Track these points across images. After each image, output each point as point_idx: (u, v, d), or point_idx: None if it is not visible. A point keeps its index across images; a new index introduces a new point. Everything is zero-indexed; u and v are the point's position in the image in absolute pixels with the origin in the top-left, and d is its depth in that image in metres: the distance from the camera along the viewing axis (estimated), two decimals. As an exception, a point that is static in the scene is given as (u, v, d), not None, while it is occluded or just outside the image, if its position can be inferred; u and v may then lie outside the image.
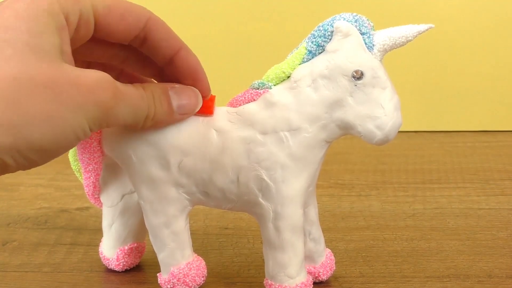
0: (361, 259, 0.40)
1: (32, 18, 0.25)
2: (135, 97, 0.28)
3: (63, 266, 0.39)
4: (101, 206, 0.37)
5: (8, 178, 0.56)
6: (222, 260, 0.40)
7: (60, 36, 0.26)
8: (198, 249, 0.41)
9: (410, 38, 0.28)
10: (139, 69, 0.32)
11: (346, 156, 0.59)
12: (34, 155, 0.24)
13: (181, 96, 0.30)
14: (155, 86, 0.30)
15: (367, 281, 0.37)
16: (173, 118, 0.30)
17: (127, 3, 0.29)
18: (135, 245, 0.37)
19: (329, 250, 0.37)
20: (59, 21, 0.26)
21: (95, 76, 0.26)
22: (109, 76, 0.27)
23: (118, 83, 0.27)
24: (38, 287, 0.36)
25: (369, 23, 0.29)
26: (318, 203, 0.35)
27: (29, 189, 0.53)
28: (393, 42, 0.28)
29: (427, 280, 0.37)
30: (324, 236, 0.42)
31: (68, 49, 0.27)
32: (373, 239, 0.43)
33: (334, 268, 0.37)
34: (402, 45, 0.29)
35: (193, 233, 0.44)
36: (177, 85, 0.31)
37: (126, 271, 0.38)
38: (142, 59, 0.32)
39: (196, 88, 0.31)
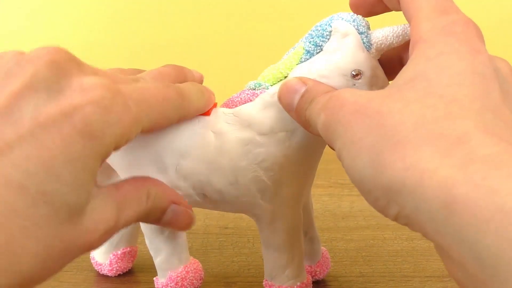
0: (361, 259, 0.40)
1: (83, 162, 0.23)
2: (128, 224, 0.26)
3: (63, 265, 0.39)
4: None
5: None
6: (222, 260, 0.40)
7: (97, 173, 0.24)
8: (198, 248, 0.41)
9: (407, 37, 0.28)
10: None
11: (346, 156, 0.59)
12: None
13: (175, 217, 0.29)
14: (160, 198, 0.28)
15: (367, 280, 0.37)
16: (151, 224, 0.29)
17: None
18: (128, 249, 0.37)
19: (325, 249, 0.37)
20: (105, 158, 0.24)
21: (101, 230, 0.24)
22: (116, 220, 0.25)
23: (122, 218, 0.25)
24: (38, 286, 0.36)
25: (365, 22, 0.29)
26: (318, 203, 0.35)
27: (29, 188, 0.53)
28: (390, 41, 0.28)
29: (427, 280, 0.37)
30: (324, 236, 0.42)
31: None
32: (373, 238, 0.43)
33: (330, 266, 0.37)
34: (399, 44, 0.28)
35: (193, 233, 0.44)
36: (179, 203, 0.29)
37: (131, 271, 0.38)
38: None
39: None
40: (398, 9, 0.27)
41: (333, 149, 0.25)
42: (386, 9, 0.29)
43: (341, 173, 0.57)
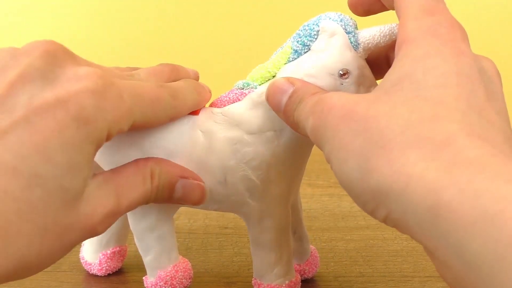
0: (361, 259, 0.40)
1: (77, 146, 0.23)
2: (133, 206, 0.27)
3: (63, 265, 0.39)
4: None
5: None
6: (222, 260, 0.40)
7: (93, 160, 0.25)
8: (198, 248, 0.41)
9: (394, 37, 0.28)
10: None
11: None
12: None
13: (186, 192, 0.29)
14: (165, 174, 0.28)
15: (367, 280, 0.37)
16: (165, 203, 0.30)
17: (160, 114, 0.28)
18: (118, 248, 0.37)
19: (314, 248, 0.37)
20: (99, 144, 0.24)
21: (100, 213, 0.25)
22: (117, 204, 0.26)
23: (124, 201, 0.26)
24: (38, 287, 0.36)
25: (353, 22, 0.29)
26: (318, 203, 0.35)
27: (29, 188, 0.53)
28: (377, 41, 0.28)
29: (427, 280, 0.37)
30: (324, 236, 0.42)
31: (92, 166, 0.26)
32: (373, 238, 0.43)
33: (319, 265, 0.37)
34: (386, 43, 0.28)
35: (193, 233, 0.44)
36: (188, 176, 0.29)
37: (127, 270, 0.38)
38: None
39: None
40: (394, 8, 0.27)
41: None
42: (384, 8, 0.29)
43: (341, 173, 0.57)
